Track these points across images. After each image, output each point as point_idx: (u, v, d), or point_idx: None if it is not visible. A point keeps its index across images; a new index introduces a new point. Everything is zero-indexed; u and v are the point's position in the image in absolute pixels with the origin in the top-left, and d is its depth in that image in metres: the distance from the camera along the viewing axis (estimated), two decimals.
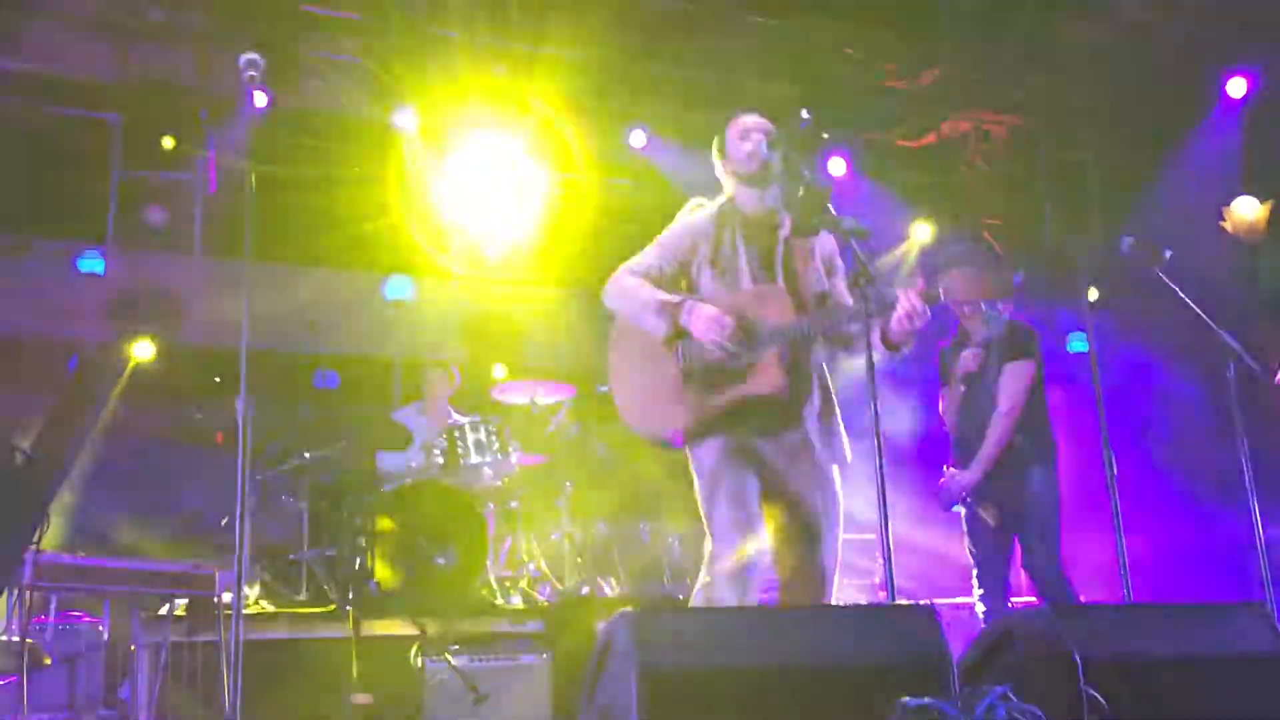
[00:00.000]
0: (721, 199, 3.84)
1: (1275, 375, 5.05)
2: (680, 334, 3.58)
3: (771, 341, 3.56)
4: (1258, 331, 5.56)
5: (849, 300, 3.70)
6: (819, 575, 3.61)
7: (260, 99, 8.34)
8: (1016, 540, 5.11)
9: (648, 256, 3.76)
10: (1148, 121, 10.95)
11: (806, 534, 3.63)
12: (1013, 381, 5.13)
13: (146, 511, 7.70)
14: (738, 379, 3.56)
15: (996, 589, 5.10)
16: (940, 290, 4.89)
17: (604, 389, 3.89)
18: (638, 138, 9.77)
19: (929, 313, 3.47)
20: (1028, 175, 11.28)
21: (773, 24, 10.80)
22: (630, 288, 3.69)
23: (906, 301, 3.46)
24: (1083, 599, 5.14)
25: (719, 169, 3.85)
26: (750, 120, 3.80)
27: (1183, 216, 9.15)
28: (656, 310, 3.58)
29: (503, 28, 9.89)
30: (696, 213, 3.82)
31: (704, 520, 3.66)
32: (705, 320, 3.52)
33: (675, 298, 3.60)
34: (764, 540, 3.59)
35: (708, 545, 3.64)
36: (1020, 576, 5.34)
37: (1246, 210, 13.12)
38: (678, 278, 3.75)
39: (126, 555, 5.75)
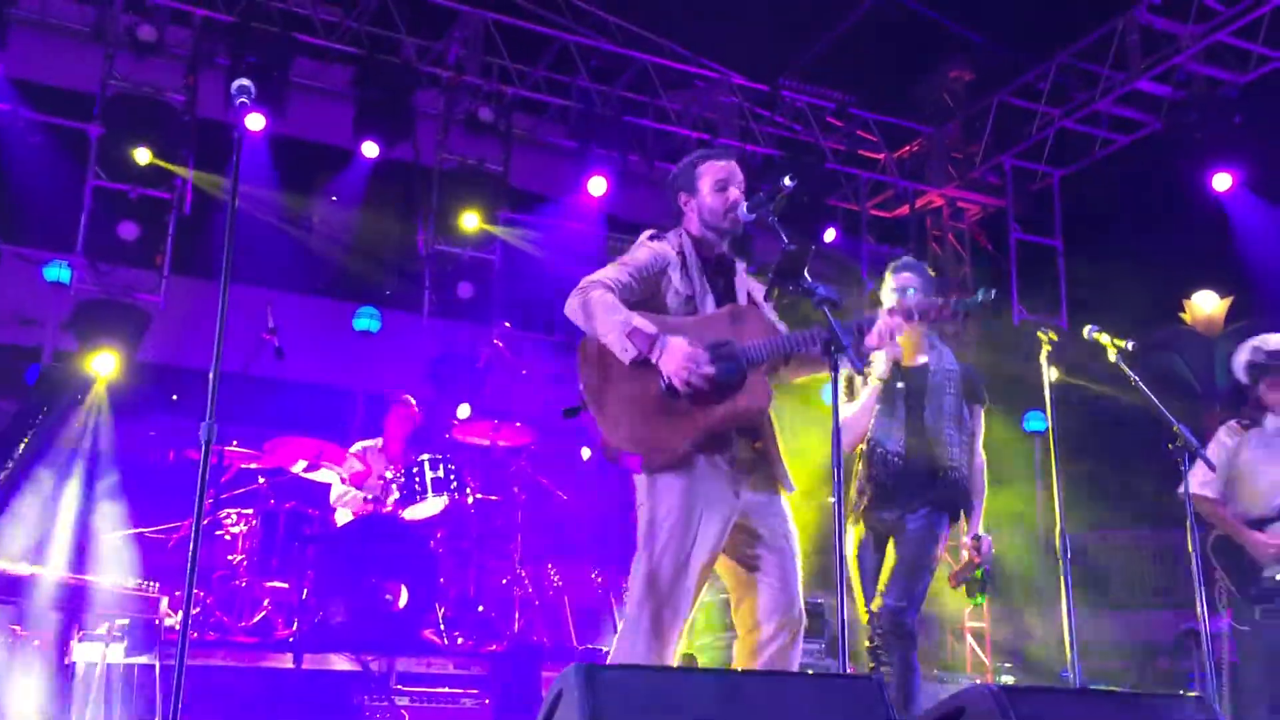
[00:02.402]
0: (681, 231, 3.77)
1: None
2: (647, 365, 3.42)
3: (759, 357, 3.51)
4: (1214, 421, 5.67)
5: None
6: (793, 627, 3.49)
7: (259, 122, 8.38)
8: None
9: (619, 273, 3.56)
10: (1117, 209, 11.20)
11: (782, 576, 3.51)
12: (980, 428, 4.82)
13: (90, 527, 7.58)
14: (730, 392, 3.47)
15: None
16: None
17: (570, 407, 3.61)
18: (597, 185, 9.88)
19: (903, 327, 3.54)
20: (997, 254, 11.48)
21: (757, 88, 11.01)
22: (604, 303, 3.46)
23: (884, 321, 3.52)
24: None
25: (682, 202, 3.78)
26: (725, 169, 3.76)
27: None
28: (627, 335, 3.39)
29: (490, 71, 10.03)
30: (658, 242, 3.71)
31: (639, 560, 3.46)
32: (678, 357, 3.37)
33: (649, 329, 3.41)
34: (688, 601, 3.41)
35: (633, 594, 3.44)
36: None
37: (1206, 304, 13.42)
38: (646, 300, 3.59)
39: (69, 570, 5.64)
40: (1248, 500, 5.07)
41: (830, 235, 10.57)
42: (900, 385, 4.69)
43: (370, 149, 9.20)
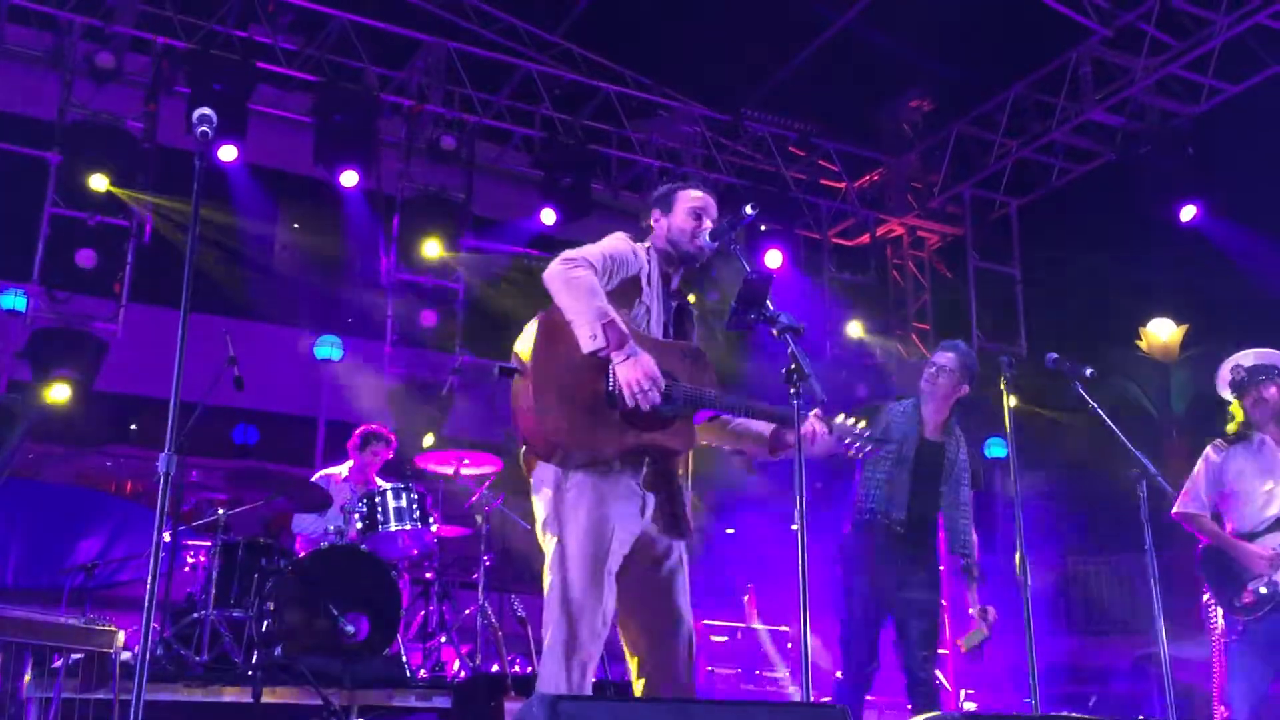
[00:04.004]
0: (649, 246, 3.72)
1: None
2: (601, 362, 3.35)
3: (699, 404, 3.50)
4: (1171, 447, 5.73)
5: None
6: (684, 662, 3.45)
7: (231, 153, 8.33)
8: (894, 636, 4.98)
9: (600, 260, 3.46)
10: (1074, 238, 11.36)
11: (671, 614, 3.48)
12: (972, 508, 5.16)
13: (43, 558, 7.47)
14: (659, 425, 3.43)
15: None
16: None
17: (507, 367, 3.40)
18: (548, 215, 9.91)
19: (827, 438, 3.54)
20: (956, 282, 11.60)
21: (719, 117, 11.11)
22: (589, 286, 3.33)
23: (814, 424, 3.51)
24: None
25: (653, 219, 3.75)
26: (703, 200, 3.76)
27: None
28: (603, 325, 3.27)
29: (453, 100, 10.05)
30: (636, 244, 3.66)
31: (554, 572, 3.34)
32: (639, 371, 3.29)
33: (625, 328, 3.32)
34: (610, 612, 3.35)
35: (551, 613, 3.33)
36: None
37: (1161, 331, 13.63)
38: (613, 296, 3.47)
39: (21, 603, 5.55)
40: (1237, 515, 5.13)
41: (777, 259, 10.52)
42: (911, 455, 4.90)
43: (349, 178, 9.17)
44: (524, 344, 3.41)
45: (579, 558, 3.34)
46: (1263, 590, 4.89)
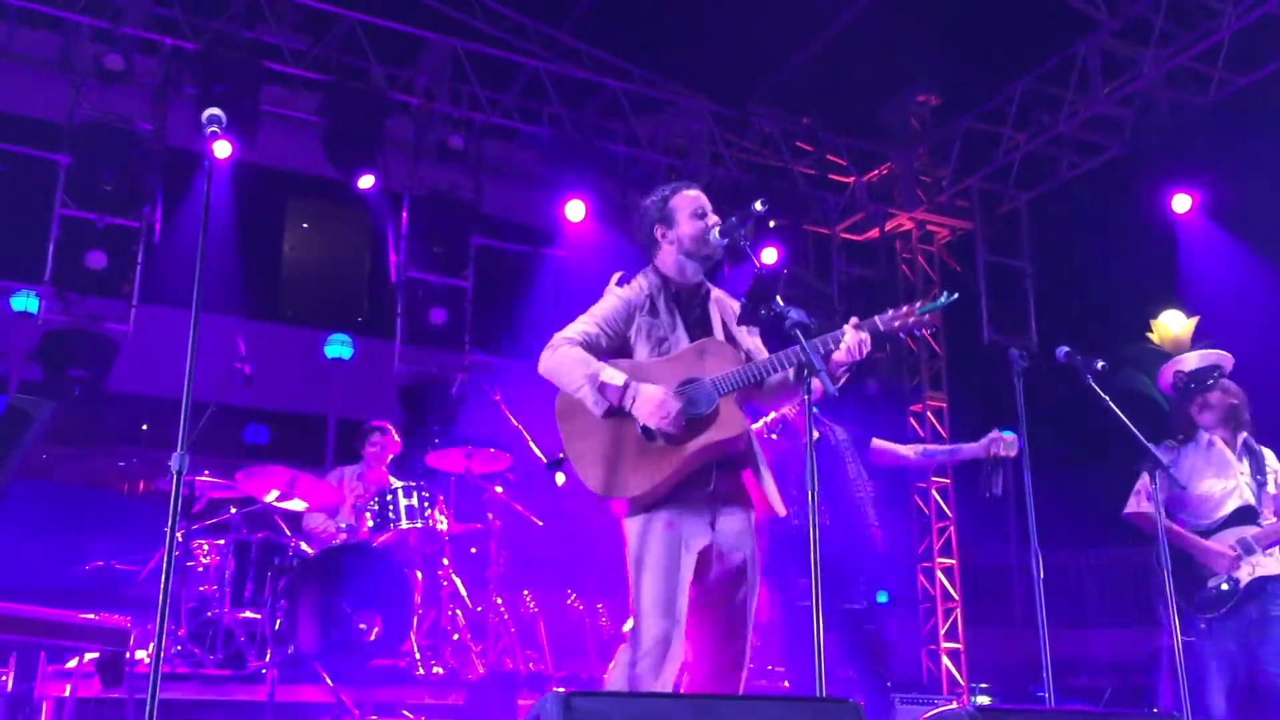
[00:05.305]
0: (649, 271, 3.81)
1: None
2: (623, 411, 3.50)
3: (725, 390, 3.55)
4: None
5: (766, 354, 3.73)
6: (727, 674, 3.53)
7: (226, 149, 8.37)
8: None
9: (586, 326, 3.65)
10: (1084, 231, 11.32)
11: (733, 619, 3.54)
12: (890, 446, 5.31)
13: (57, 557, 7.49)
14: (702, 428, 3.52)
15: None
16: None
17: (553, 460, 3.74)
18: (576, 210, 9.88)
19: (870, 343, 3.58)
20: (966, 276, 11.57)
21: (726, 113, 11.09)
22: (572, 359, 3.56)
23: (854, 336, 3.54)
24: None
25: (659, 235, 3.78)
26: (698, 198, 3.80)
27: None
28: (597, 388, 3.50)
29: (460, 98, 10.06)
30: (625, 287, 3.77)
31: (633, 594, 3.51)
32: (650, 404, 3.46)
33: (618, 379, 3.50)
34: (683, 623, 3.46)
35: (631, 622, 3.51)
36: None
37: (1172, 324, 13.58)
38: (616, 350, 3.67)
39: (35, 602, 5.57)
40: (1191, 513, 5.18)
41: (772, 256, 10.42)
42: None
43: (366, 181, 9.17)
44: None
45: (654, 587, 3.45)
46: (1224, 587, 4.93)
